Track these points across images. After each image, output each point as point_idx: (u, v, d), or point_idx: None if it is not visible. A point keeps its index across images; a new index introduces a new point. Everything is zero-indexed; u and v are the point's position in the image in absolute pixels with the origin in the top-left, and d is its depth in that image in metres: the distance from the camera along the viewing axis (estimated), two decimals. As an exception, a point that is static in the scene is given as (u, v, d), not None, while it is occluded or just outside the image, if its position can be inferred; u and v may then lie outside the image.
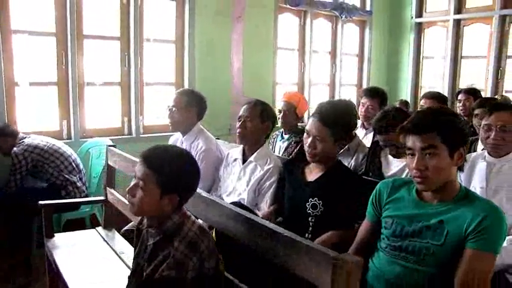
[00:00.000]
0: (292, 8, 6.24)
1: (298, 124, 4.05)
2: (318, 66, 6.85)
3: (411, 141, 1.84)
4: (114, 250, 2.97)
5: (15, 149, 3.79)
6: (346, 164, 2.94)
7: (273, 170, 2.78)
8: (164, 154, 1.72)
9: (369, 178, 2.73)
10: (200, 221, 1.84)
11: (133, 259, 1.85)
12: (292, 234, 1.59)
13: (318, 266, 1.45)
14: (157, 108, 5.20)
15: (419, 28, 7.44)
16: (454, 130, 1.82)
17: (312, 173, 2.51)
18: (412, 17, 7.40)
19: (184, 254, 1.61)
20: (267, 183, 2.77)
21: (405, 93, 7.54)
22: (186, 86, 5.18)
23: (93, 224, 4.06)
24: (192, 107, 3.24)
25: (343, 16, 6.79)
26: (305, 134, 2.48)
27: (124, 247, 2.99)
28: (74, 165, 4.03)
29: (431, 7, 7.31)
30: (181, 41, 5.23)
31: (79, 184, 3.99)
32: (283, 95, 4.07)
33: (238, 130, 2.88)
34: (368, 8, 7.29)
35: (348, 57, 7.28)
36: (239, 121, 2.91)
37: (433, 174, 1.80)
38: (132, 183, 1.69)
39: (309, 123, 2.46)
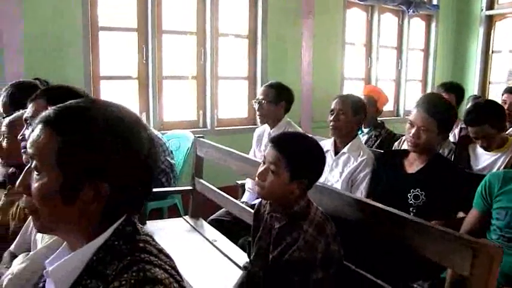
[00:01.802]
0: (360, 2, 6.22)
1: (378, 118, 4.06)
2: (384, 62, 6.79)
3: None
4: (206, 238, 3.06)
5: None
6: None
7: (367, 162, 2.80)
8: (295, 140, 1.78)
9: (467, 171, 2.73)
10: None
11: (255, 243, 1.90)
12: (423, 220, 1.62)
13: (456, 251, 1.47)
14: (231, 102, 5.30)
15: (490, 21, 7.22)
16: None
17: (413, 165, 2.52)
18: (482, 10, 7.19)
19: (313, 237, 1.67)
20: (361, 174, 2.78)
21: (472, 89, 7.36)
22: (259, 80, 5.26)
23: (170, 214, 4.16)
24: (281, 99, 3.30)
25: (411, 11, 6.70)
26: (408, 124, 2.49)
27: (215, 235, 3.07)
28: (171, 151, 4.15)
29: (504, -2, 7.08)
30: (254, 36, 5.31)
31: (175, 172, 4.11)
32: (364, 89, 4.09)
33: (331, 123, 2.90)
34: (435, 2, 7.16)
35: (413, 52, 7.18)
36: (332, 114, 2.93)
37: None
38: (261, 168, 1.75)
39: (413, 114, 2.47)
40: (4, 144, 2.10)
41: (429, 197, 2.38)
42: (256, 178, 1.76)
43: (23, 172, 1.01)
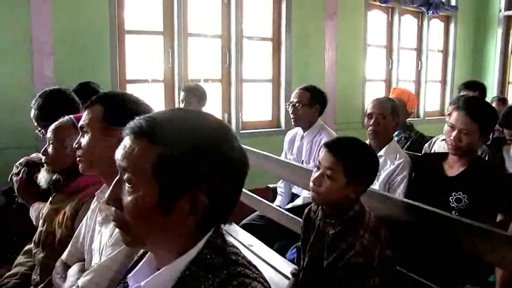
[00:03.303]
0: (381, 4, 6.20)
1: (407, 120, 4.04)
2: (404, 63, 6.77)
3: None
4: (241, 243, 3.03)
5: None
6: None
7: (404, 165, 2.78)
8: (350, 144, 1.78)
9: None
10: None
11: (307, 250, 1.89)
12: (482, 225, 1.61)
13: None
14: (255, 105, 5.30)
15: (508, 21, 7.17)
16: None
17: (453, 168, 2.50)
18: (500, 10, 7.15)
19: (370, 242, 1.67)
20: (399, 177, 2.77)
21: (491, 89, 7.30)
22: (283, 82, 5.26)
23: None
24: (315, 102, 3.31)
25: (430, 12, 6.67)
26: (447, 127, 2.48)
27: (250, 240, 3.05)
28: None
29: (523, -1, 7.03)
30: (278, 38, 5.31)
31: None
32: (392, 91, 4.09)
33: (371, 127, 2.89)
34: (453, 3, 7.12)
35: (432, 53, 7.14)
36: (369, 118, 2.91)
37: None
38: (317, 173, 1.75)
39: (453, 117, 2.45)
40: (50, 150, 2.08)
41: (472, 200, 2.36)
42: (311, 183, 1.76)
43: (112, 185, 0.99)
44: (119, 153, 0.96)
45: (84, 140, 1.60)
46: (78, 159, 1.62)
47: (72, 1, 4.02)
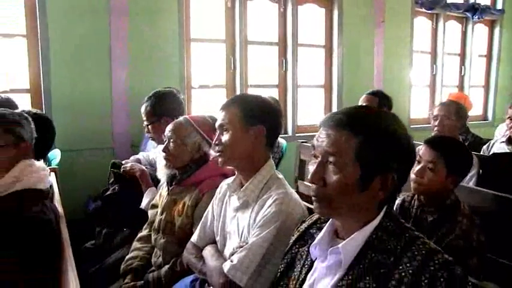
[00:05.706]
0: (427, 11, 6.36)
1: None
2: (448, 68, 6.90)
3: None
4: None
5: None
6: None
7: (473, 163, 2.96)
8: (448, 141, 2.03)
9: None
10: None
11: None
12: None
13: None
14: (308, 110, 5.53)
15: (556, 24, 7.22)
16: None
17: None
18: (548, 12, 7.17)
19: (469, 227, 1.88)
20: (469, 174, 2.95)
21: (538, 95, 7.35)
22: (335, 88, 5.49)
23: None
24: (383, 106, 3.53)
25: (476, 17, 6.76)
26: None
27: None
28: None
29: None
30: (330, 45, 5.53)
31: None
32: (449, 96, 4.25)
33: (436, 128, 3.10)
34: (499, 6, 7.16)
35: (475, 58, 7.22)
36: (435, 119, 3.12)
37: None
38: (418, 167, 1.97)
39: None
40: (171, 147, 2.28)
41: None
42: (413, 175, 1.98)
43: (315, 167, 1.22)
44: (322, 141, 1.22)
45: (225, 137, 1.80)
46: (218, 154, 1.82)
47: (146, 14, 4.29)
